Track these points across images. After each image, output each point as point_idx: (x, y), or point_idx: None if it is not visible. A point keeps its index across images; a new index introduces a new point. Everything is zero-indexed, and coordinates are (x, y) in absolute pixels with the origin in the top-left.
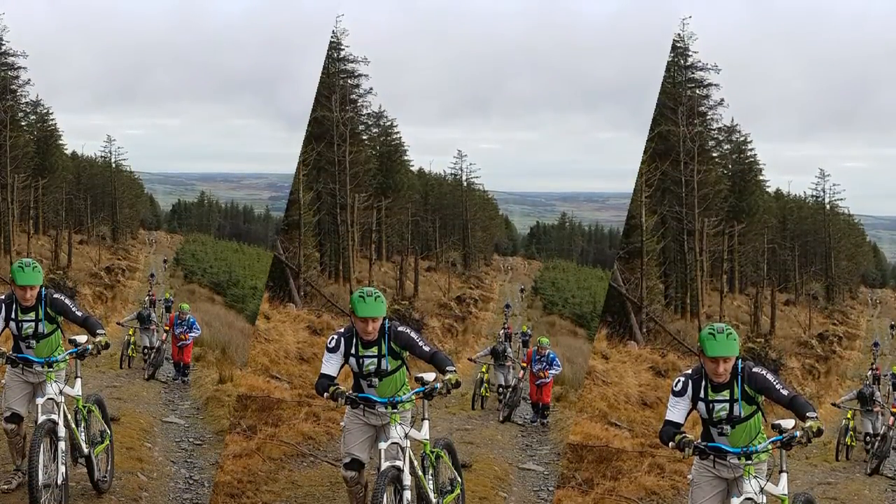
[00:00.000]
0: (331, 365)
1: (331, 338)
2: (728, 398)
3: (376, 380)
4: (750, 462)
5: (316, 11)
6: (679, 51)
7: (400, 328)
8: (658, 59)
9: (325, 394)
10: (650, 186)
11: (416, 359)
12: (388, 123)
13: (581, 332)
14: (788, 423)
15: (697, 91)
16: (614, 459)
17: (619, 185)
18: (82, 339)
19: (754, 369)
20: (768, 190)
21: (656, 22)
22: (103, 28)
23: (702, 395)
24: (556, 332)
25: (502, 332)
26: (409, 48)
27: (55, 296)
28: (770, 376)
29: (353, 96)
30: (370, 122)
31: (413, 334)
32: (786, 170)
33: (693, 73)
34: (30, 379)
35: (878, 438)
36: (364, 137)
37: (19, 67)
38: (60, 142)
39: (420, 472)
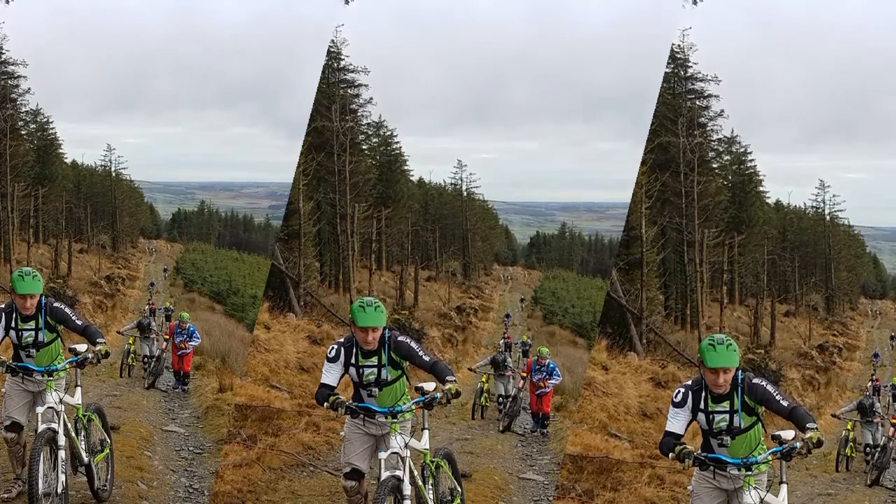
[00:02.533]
0: (331, 375)
1: (331, 347)
2: (728, 409)
3: (376, 389)
4: (750, 473)
5: (316, 20)
6: (679, 61)
7: (400, 338)
8: (659, 69)
9: (325, 403)
10: (650, 197)
11: (416, 368)
12: (388, 133)
13: (581, 341)
14: (788, 434)
15: (697, 102)
16: (614, 470)
17: (620, 196)
18: (82, 347)
19: (754, 380)
20: (768, 201)
21: (657, 32)
22: (103, 37)
23: (702, 406)
24: (556, 341)
25: (502, 341)
26: (408, 58)
27: (55, 304)
28: (770, 387)
29: (353, 106)
30: (370, 132)
31: (413, 344)
32: (786, 181)
33: (693, 83)
34: (30, 388)
35: (879, 449)
36: (364, 147)
37: (19, 76)
38: (60, 150)
39: (420, 482)
